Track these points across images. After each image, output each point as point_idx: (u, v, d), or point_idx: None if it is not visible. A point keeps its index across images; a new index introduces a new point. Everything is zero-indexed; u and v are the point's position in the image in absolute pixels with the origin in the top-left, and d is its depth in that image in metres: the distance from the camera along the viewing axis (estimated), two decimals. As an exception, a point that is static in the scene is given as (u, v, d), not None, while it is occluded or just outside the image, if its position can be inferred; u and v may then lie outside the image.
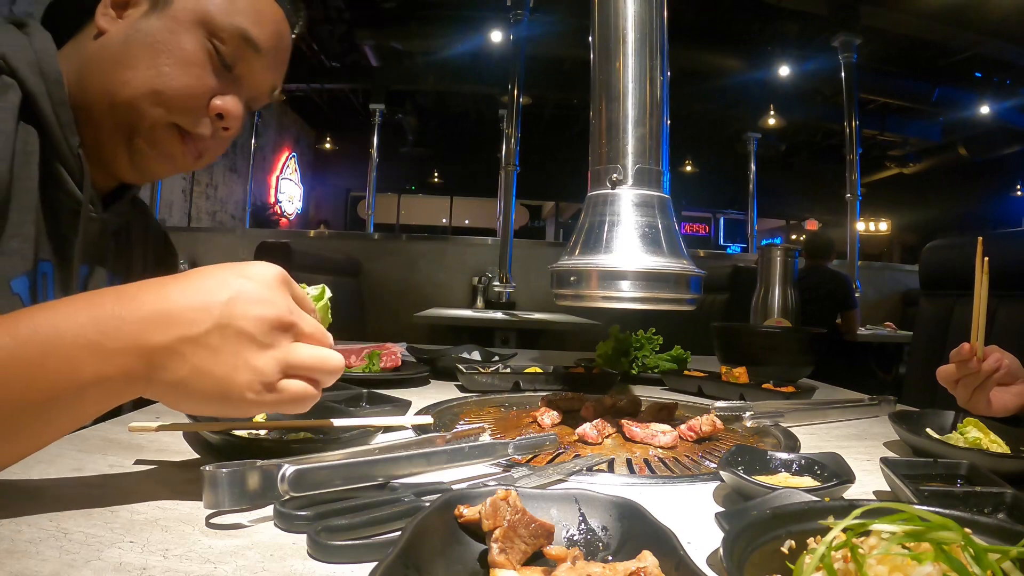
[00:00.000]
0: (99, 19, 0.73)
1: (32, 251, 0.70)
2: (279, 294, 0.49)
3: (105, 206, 0.80)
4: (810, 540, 0.37)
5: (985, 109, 7.76)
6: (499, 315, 3.61)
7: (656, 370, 1.28)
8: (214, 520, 0.46)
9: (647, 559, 0.35)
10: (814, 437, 0.84)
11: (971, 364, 0.81)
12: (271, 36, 0.78)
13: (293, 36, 0.84)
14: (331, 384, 0.53)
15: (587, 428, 0.73)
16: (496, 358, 1.36)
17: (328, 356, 0.51)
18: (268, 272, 0.50)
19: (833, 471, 0.58)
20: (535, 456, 0.66)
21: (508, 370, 1.15)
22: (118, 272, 0.86)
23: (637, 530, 0.40)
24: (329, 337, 0.53)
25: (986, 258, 0.81)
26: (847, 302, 3.91)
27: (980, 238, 0.83)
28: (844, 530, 0.34)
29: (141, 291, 0.47)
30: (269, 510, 0.46)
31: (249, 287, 0.48)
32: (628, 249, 0.73)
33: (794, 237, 11.72)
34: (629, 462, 0.68)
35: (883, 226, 11.80)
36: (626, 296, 0.72)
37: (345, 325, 3.46)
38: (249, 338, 0.47)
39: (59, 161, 0.71)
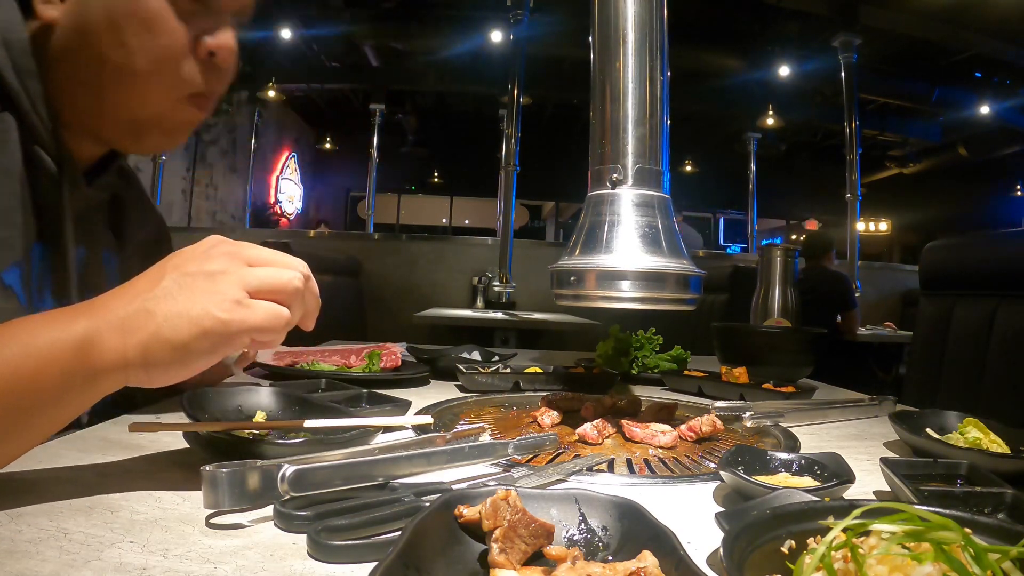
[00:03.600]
0: (41, 10, 0.63)
1: (21, 241, 0.64)
2: (215, 242, 0.53)
3: (90, 179, 0.73)
4: (810, 540, 0.37)
5: (985, 109, 7.75)
6: (499, 315, 3.62)
7: (656, 370, 1.28)
8: (214, 520, 0.46)
9: (647, 559, 0.35)
10: (814, 437, 0.84)
11: None
12: None
13: None
14: (299, 308, 0.54)
15: (587, 428, 0.73)
16: (496, 358, 1.36)
17: (279, 273, 0.52)
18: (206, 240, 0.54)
19: (833, 471, 0.58)
20: (535, 456, 0.66)
21: (508, 370, 1.15)
22: (111, 248, 0.80)
23: (637, 530, 0.40)
24: (279, 257, 0.54)
25: None
26: (847, 302, 3.90)
27: None
28: (844, 530, 0.34)
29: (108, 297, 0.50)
30: (269, 510, 0.46)
31: (189, 249, 0.53)
32: (628, 249, 0.73)
33: (794, 237, 11.72)
34: (629, 462, 0.68)
35: (883, 226, 11.80)
36: (626, 296, 0.72)
37: (345, 325, 3.46)
38: (202, 274, 0.50)
39: (34, 140, 0.64)
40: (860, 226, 5.35)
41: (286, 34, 7.06)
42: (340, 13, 7.00)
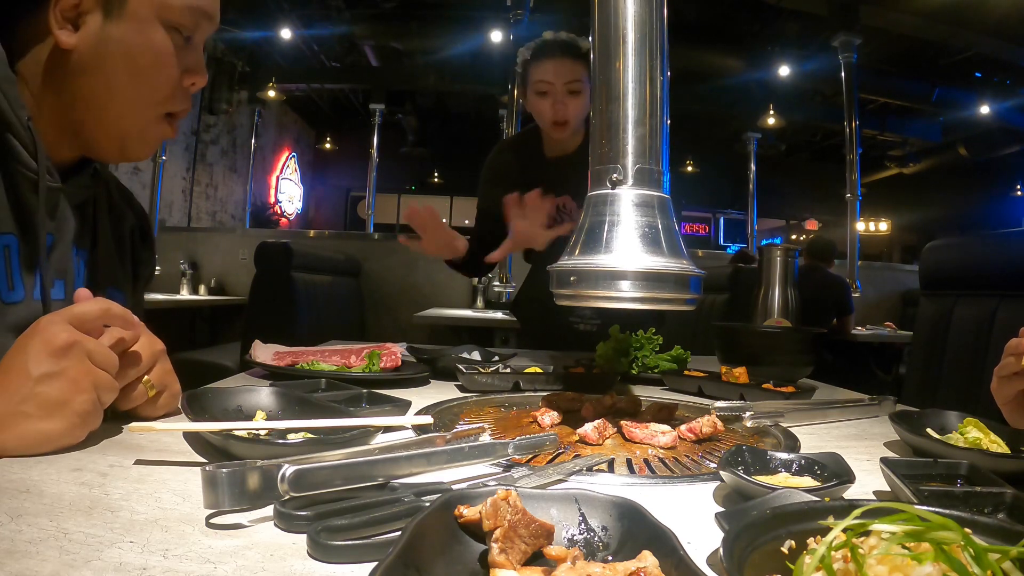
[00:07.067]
0: (60, 36, 0.73)
1: None
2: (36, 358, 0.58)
3: (65, 179, 0.80)
4: (810, 540, 0.37)
5: (985, 109, 7.74)
6: (499, 315, 3.62)
7: (656, 370, 1.28)
8: (214, 520, 0.46)
9: (647, 559, 0.35)
10: (814, 437, 0.84)
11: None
12: None
13: None
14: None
15: (588, 429, 0.73)
16: (496, 358, 1.36)
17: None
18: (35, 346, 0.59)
19: (833, 471, 0.58)
20: (535, 456, 0.66)
21: (508, 370, 1.15)
22: (83, 246, 0.84)
23: (637, 530, 0.40)
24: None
25: None
26: (845, 307, 3.94)
27: None
28: (844, 530, 0.34)
29: None
30: (269, 510, 0.46)
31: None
32: (628, 249, 0.73)
33: (794, 237, 11.72)
34: (629, 462, 0.68)
35: (883, 226, 11.79)
36: (626, 296, 0.72)
37: (345, 325, 3.46)
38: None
39: (11, 133, 0.71)
40: (860, 226, 5.36)
41: (286, 34, 7.06)
42: (340, 13, 6.99)
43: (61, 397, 0.58)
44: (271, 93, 7.89)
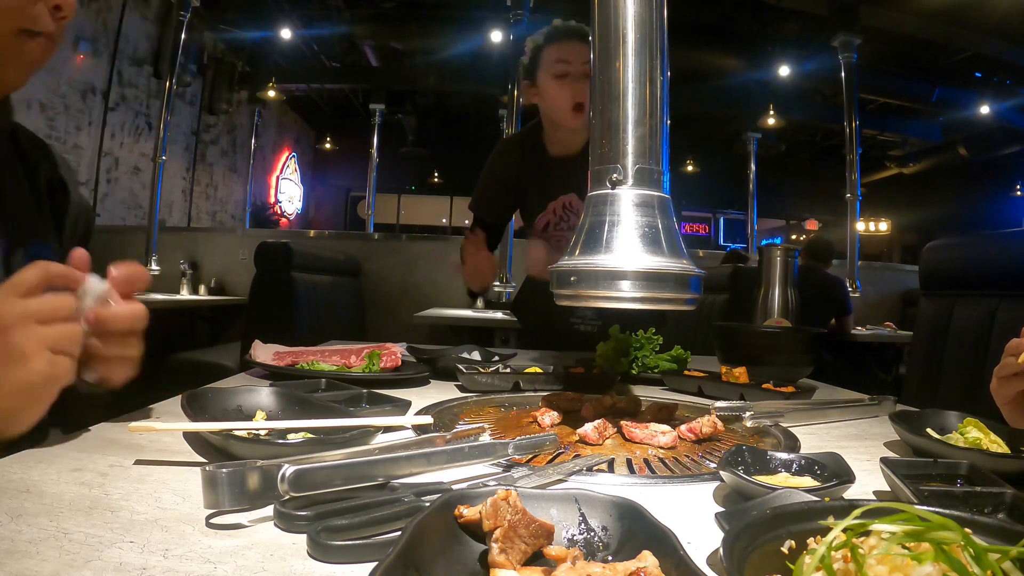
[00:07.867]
0: None
1: None
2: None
3: None
4: (810, 540, 0.37)
5: (985, 109, 7.75)
6: (499, 315, 3.61)
7: (656, 370, 1.28)
8: (214, 520, 0.46)
9: (647, 559, 0.35)
10: (814, 437, 0.84)
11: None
12: None
13: None
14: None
15: (588, 429, 0.73)
16: (496, 358, 1.36)
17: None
18: None
19: (833, 471, 0.58)
20: (535, 456, 0.66)
21: (508, 370, 1.15)
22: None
23: (637, 530, 0.40)
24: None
25: None
26: (843, 307, 3.94)
27: None
28: (844, 530, 0.34)
29: None
30: (269, 510, 0.46)
31: None
32: (628, 249, 0.73)
33: (794, 237, 11.72)
34: (629, 462, 0.68)
35: (883, 226, 11.79)
36: (626, 296, 0.72)
37: (345, 325, 3.46)
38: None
39: None
40: (860, 226, 5.36)
41: (286, 34, 7.07)
42: (340, 13, 7.00)
43: (27, 378, 0.56)
44: (271, 93, 7.90)
